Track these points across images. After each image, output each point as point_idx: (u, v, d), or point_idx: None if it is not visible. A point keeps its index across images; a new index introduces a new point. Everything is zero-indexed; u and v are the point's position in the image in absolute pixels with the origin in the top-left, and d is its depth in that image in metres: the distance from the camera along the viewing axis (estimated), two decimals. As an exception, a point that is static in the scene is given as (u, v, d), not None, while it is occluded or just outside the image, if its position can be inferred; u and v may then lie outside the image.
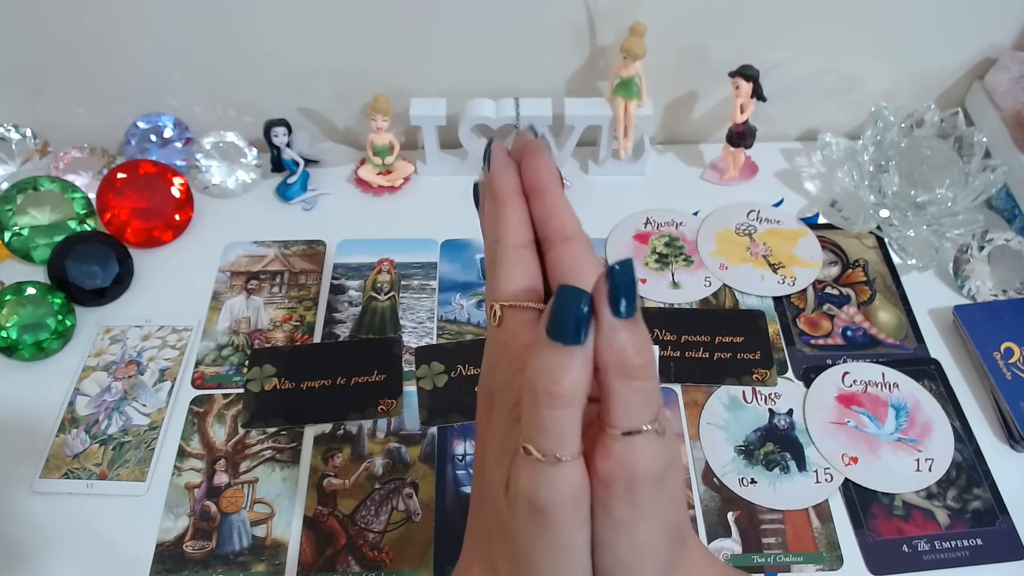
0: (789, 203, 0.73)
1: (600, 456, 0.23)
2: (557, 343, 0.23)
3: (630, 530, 0.24)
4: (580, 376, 0.23)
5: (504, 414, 0.26)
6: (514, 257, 0.28)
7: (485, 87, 0.70)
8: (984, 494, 0.54)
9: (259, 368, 0.60)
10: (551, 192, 0.28)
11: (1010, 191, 0.69)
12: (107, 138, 0.74)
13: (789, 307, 0.65)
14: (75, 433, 0.56)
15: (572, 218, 0.28)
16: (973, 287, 0.65)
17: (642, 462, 0.23)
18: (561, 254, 0.27)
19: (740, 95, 0.68)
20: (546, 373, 0.23)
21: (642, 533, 0.24)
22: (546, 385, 0.23)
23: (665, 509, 0.25)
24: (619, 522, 0.24)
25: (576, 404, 0.23)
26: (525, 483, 0.24)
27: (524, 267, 0.28)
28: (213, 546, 0.51)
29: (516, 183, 0.29)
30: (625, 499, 0.24)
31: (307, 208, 0.72)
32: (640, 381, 0.23)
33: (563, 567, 0.25)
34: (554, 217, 0.28)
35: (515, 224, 0.28)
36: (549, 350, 0.23)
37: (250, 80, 0.72)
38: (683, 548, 0.27)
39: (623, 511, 0.24)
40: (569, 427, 0.23)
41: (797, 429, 0.57)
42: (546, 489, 0.23)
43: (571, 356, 0.23)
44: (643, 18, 0.65)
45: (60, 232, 0.65)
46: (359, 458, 0.55)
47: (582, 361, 0.23)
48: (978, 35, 0.72)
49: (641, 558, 0.25)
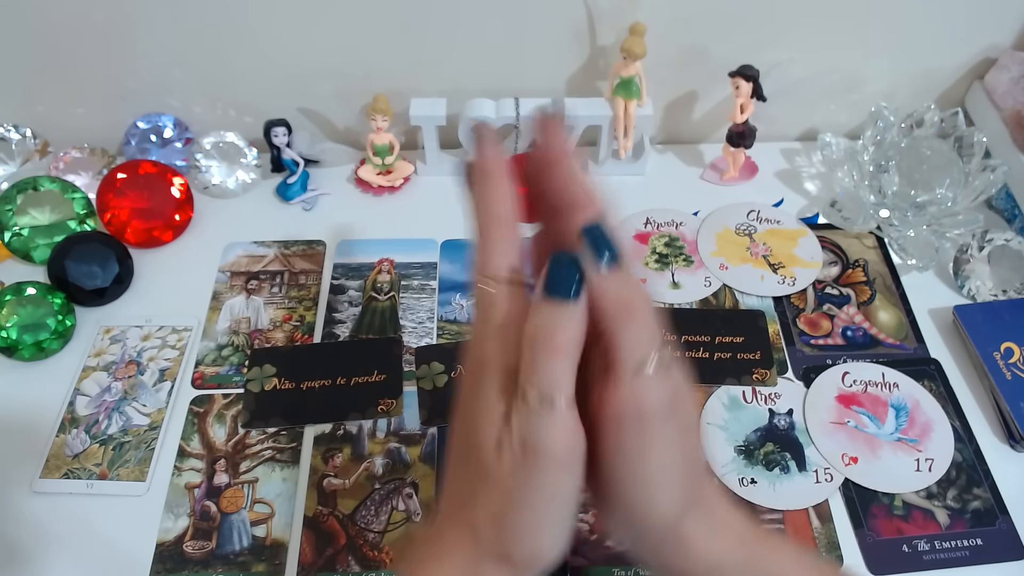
0: (789, 203, 0.73)
1: (610, 395, 0.26)
2: (553, 301, 0.25)
3: (642, 462, 0.26)
4: (575, 330, 0.26)
5: (495, 383, 0.27)
6: (501, 234, 0.29)
7: (485, 87, 0.70)
8: (984, 494, 0.54)
9: (259, 368, 0.60)
10: (566, 166, 0.29)
11: (1010, 191, 0.69)
12: (107, 138, 0.74)
13: (789, 307, 0.65)
14: (75, 433, 0.56)
15: (587, 189, 0.29)
16: (973, 287, 0.65)
17: (649, 395, 0.25)
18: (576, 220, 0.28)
19: (740, 95, 0.68)
20: (544, 328, 0.25)
21: (653, 465, 0.26)
22: (544, 338, 0.25)
23: (675, 442, 0.27)
24: (631, 455, 0.26)
25: (571, 355, 0.25)
26: (522, 426, 0.25)
27: (511, 244, 0.29)
28: (213, 546, 0.51)
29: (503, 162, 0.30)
30: (636, 432, 0.26)
31: (307, 208, 0.72)
32: (637, 321, 0.26)
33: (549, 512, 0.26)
34: (568, 189, 0.29)
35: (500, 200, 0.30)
36: (546, 307, 0.26)
37: (250, 80, 0.72)
38: (701, 489, 0.29)
39: (634, 444, 0.26)
40: (564, 376, 0.25)
41: (797, 429, 0.57)
42: (541, 431, 0.25)
43: (566, 311, 0.25)
44: (643, 18, 0.65)
45: (60, 232, 0.65)
46: (359, 458, 0.55)
47: (576, 316, 0.26)
48: (978, 35, 0.72)
49: (655, 490, 0.27)
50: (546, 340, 0.25)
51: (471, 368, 0.29)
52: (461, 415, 0.29)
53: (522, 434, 0.25)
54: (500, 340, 0.28)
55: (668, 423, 0.26)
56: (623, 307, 0.26)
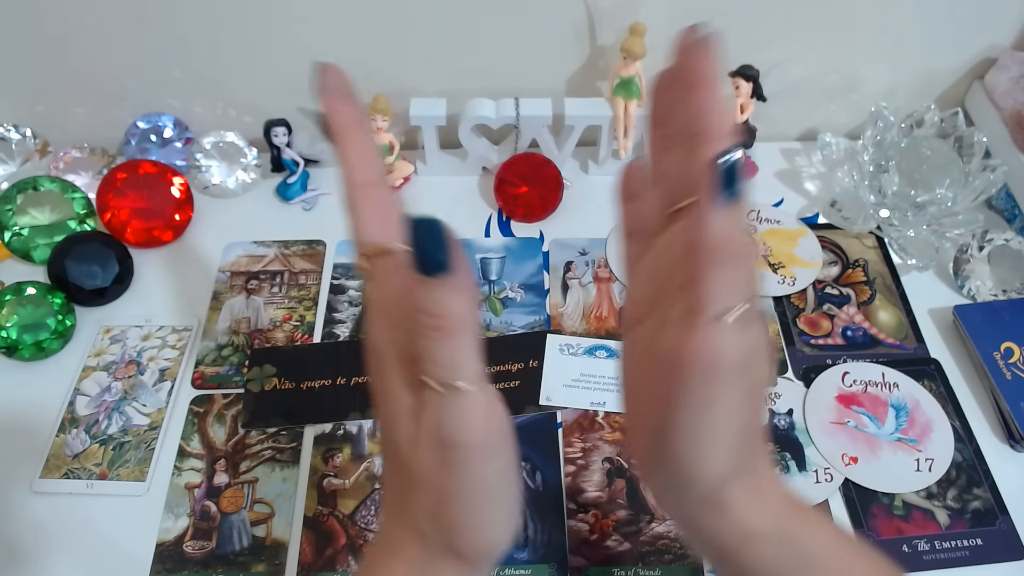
0: (789, 203, 0.73)
1: (685, 340, 0.23)
2: (427, 278, 0.22)
3: (703, 417, 0.24)
4: (461, 304, 0.23)
5: (395, 375, 0.25)
6: (363, 199, 0.26)
7: (485, 87, 0.70)
8: (984, 494, 0.54)
9: (259, 368, 0.60)
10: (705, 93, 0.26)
11: (1010, 191, 0.69)
12: (107, 138, 0.74)
13: (789, 307, 0.65)
14: (75, 433, 0.56)
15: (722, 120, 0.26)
16: (973, 287, 0.65)
17: (728, 347, 0.23)
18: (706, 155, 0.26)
19: (740, 95, 0.68)
20: (427, 308, 0.22)
21: (715, 422, 0.24)
22: (430, 320, 0.22)
23: (741, 402, 0.24)
24: (693, 407, 0.24)
25: (465, 331, 0.23)
26: (431, 419, 0.23)
27: (377, 208, 0.26)
28: (213, 546, 0.51)
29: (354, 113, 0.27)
30: (704, 384, 0.23)
31: (307, 208, 0.72)
32: (736, 265, 0.23)
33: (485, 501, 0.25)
34: (704, 117, 0.26)
35: (357, 162, 0.26)
36: (423, 286, 0.22)
37: (250, 80, 0.72)
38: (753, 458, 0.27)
39: (699, 396, 0.24)
40: (463, 355, 0.23)
41: (797, 429, 0.57)
42: (451, 419, 0.23)
43: (446, 287, 0.22)
44: (643, 18, 0.65)
45: (60, 232, 0.65)
46: (359, 458, 0.55)
47: (458, 289, 0.22)
48: (978, 35, 0.72)
49: (709, 448, 0.25)
50: (433, 322, 0.22)
51: (369, 359, 0.27)
52: (378, 411, 0.27)
53: (433, 427, 0.23)
54: (388, 322, 0.25)
55: (739, 381, 0.24)
56: (726, 248, 0.22)
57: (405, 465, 0.25)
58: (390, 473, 0.28)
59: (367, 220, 0.26)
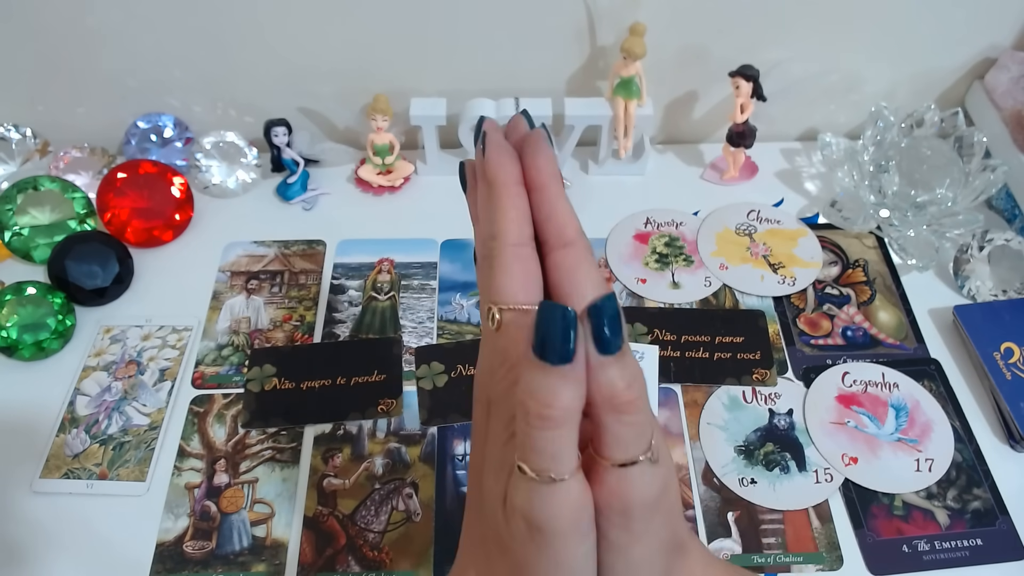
0: (789, 203, 0.73)
1: (595, 484, 0.23)
2: (545, 363, 0.22)
3: (626, 552, 0.24)
4: (572, 396, 0.22)
5: (503, 426, 0.25)
6: (513, 257, 0.26)
7: (485, 87, 0.70)
8: (984, 494, 0.54)
9: (259, 368, 0.60)
10: (551, 191, 0.26)
11: (1010, 191, 0.69)
12: (107, 138, 0.74)
13: (789, 307, 0.65)
14: (75, 433, 0.56)
15: (572, 220, 0.26)
16: (973, 287, 0.65)
17: (636, 492, 0.23)
18: (559, 261, 0.26)
19: (740, 95, 0.68)
20: (536, 394, 0.22)
21: (637, 555, 0.24)
22: (537, 407, 0.22)
23: (660, 530, 0.25)
24: (615, 545, 0.24)
25: (569, 424, 0.22)
26: (521, 502, 0.23)
27: (524, 268, 0.26)
28: (213, 546, 0.51)
29: (516, 172, 0.27)
30: (620, 526, 0.24)
31: (307, 208, 0.72)
32: (631, 415, 0.23)
33: None
34: (553, 219, 0.26)
35: (515, 220, 0.26)
36: (538, 371, 0.22)
37: (250, 80, 0.72)
38: (682, 557, 0.27)
39: (618, 536, 0.24)
40: (564, 447, 0.22)
41: (797, 429, 0.57)
42: (543, 508, 0.23)
43: (560, 376, 0.22)
44: (643, 18, 0.65)
45: (60, 232, 0.65)
46: (359, 458, 0.55)
47: (573, 380, 0.22)
48: (978, 35, 0.72)
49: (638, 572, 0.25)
50: (539, 409, 0.22)
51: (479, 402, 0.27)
52: (475, 450, 0.27)
53: (523, 509, 0.23)
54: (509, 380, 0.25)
55: (655, 515, 0.24)
56: (616, 399, 0.22)
57: (494, 521, 0.25)
58: (475, 515, 0.28)
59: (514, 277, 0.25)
